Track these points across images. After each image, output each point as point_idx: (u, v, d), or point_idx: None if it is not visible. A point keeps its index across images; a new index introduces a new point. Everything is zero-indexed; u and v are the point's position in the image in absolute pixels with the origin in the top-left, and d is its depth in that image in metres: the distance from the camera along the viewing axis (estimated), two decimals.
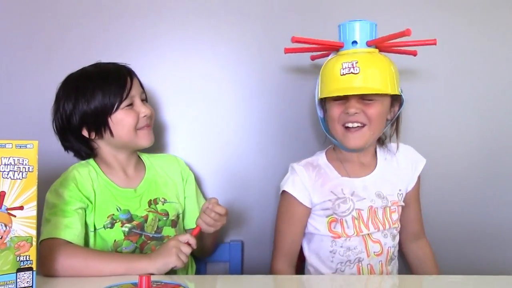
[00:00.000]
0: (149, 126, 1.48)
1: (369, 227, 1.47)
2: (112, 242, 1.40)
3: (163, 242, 1.45)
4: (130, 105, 1.43)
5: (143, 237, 1.44)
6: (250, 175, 1.76)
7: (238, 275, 1.67)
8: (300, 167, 1.52)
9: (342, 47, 1.44)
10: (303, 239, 1.55)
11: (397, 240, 1.54)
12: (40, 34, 1.71)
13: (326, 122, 1.52)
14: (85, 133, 1.42)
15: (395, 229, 1.53)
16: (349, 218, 1.47)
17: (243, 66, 1.75)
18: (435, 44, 1.48)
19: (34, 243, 1.07)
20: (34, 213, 1.06)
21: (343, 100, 1.41)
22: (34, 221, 1.06)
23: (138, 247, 1.43)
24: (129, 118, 1.42)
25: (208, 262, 1.71)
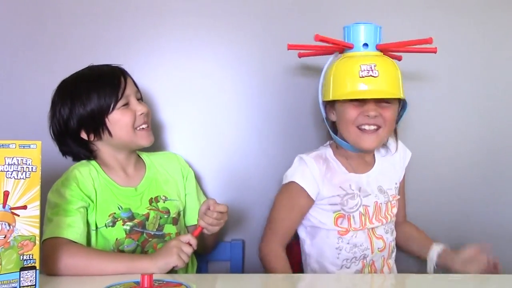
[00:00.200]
0: (148, 126, 1.48)
1: (373, 222, 1.49)
2: (114, 240, 1.40)
3: (165, 240, 1.47)
4: (126, 104, 1.43)
5: (145, 235, 1.44)
6: (250, 175, 1.76)
7: (239, 274, 1.67)
8: (310, 159, 1.51)
9: (351, 48, 1.43)
10: (305, 234, 1.55)
11: (394, 234, 1.56)
12: (41, 35, 1.71)
13: (331, 123, 1.52)
14: (83, 135, 1.43)
15: (392, 223, 1.55)
16: (356, 214, 1.48)
17: (244, 66, 1.75)
18: (435, 52, 1.49)
19: (38, 242, 1.07)
20: (37, 212, 1.07)
21: (360, 102, 1.41)
22: (37, 220, 1.07)
23: (140, 245, 1.43)
24: (126, 117, 1.43)
25: (209, 261, 1.71)
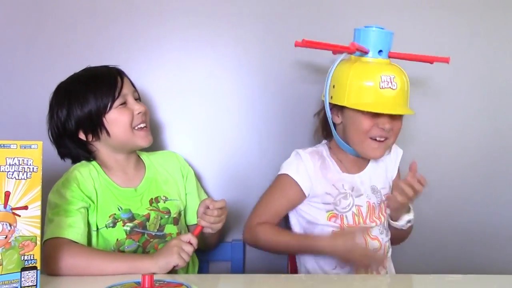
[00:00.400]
0: (146, 126, 1.48)
1: (366, 222, 1.49)
2: (114, 241, 1.40)
3: (166, 240, 1.46)
4: (124, 103, 1.44)
5: (146, 235, 1.45)
6: (251, 174, 1.76)
7: (241, 274, 1.68)
8: (306, 154, 1.52)
9: (367, 53, 1.42)
10: (301, 232, 1.55)
11: (389, 234, 1.56)
12: (41, 35, 1.71)
13: (336, 125, 1.51)
14: (82, 136, 1.43)
15: (386, 221, 1.55)
16: (349, 214, 1.48)
17: (244, 66, 1.76)
18: (448, 62, 1.49)
19: (39, 243, 1.07)
20: (38, 212, 1.07)
21: (371, 113, 1.40)
22: (38, 220, 1.07)
23: (141, 246, 1.44)
24: (123, 117, 1.43)
25: (210, 262, 1.72)
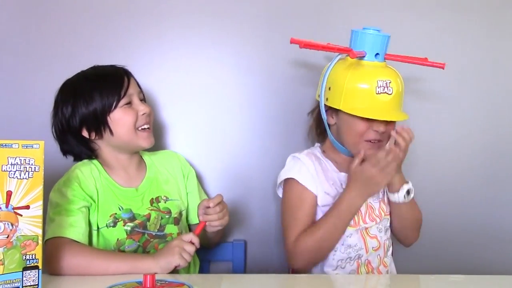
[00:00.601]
0: (149, 128, 1.48)
1: (366, 221, 1.48)
2: (114, 241, 1.40)
3: (166, 240, 1.46)
4: (129, 103, 1.44)
5: (146, 235, 1.44)
6: (253, 175, 1.76)
7: (242, 274, 1.68)
8: (303, 156, 1.52)
9: (363, 56, 1.42)
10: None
11: (389, 232, 1.56)
12: (43, 35, 1.71)
13: (331, 126, 1.51)
14: (85, 133, 1.42)
15: (387, 220, 1.54)
16: None
17: (246, 66, 1.76)
18: (443, 68, 1.50)
19: (40, 242, 1.07)
20: (40, 212, 1.07)
21: (365, 118, 1.41)
22: (40, 220, 1.07)
23: (141, 246, 1.43)
24: (128, 116, 1.43)
25: (211, 262, 1.72)
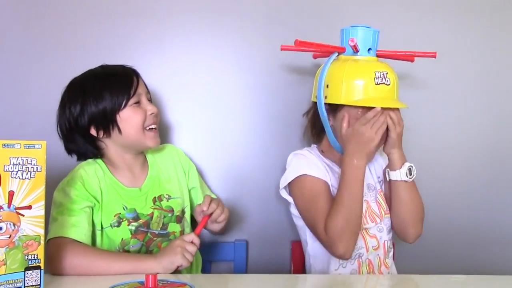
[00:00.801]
0: (156, 128, 1.48)
1: (367, 221, 1.48)
2: (119, 240, 1.41)
3: (169, 239, 1.47)
4: (137, 103, 1.43)
5: (149, 234, 1.45)
6: (254, 175, 1.76)
7: (244, 274, 1.68)
8: (305, 151, 1.54)
9: (357, 52, 1.44)
10: (308, 236, 1.55)
11: (391, 234, 1.55)
12: (45, 36, 1.71)
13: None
14: (93, 132, 1.42)
15: (388, 219, 1.54)
16: None
17: (248, 67, 1.76)
18: (435, 57, 1.52)
19: (42, 242, 1.08)
20: (42, 212, 1.07)
21: (366, 109, 1.41)
22: (42, 220, 1.07)
23: (145, 245, 1.44)
24: (137, 116, 1.42)
25: (212, 261, 1.72)
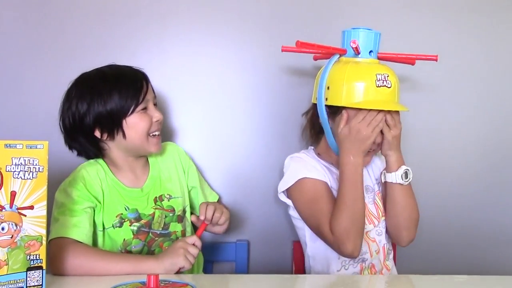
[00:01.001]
0: (159, 134, 1.47)
1: (366, 225, 1.47)
2: (121, 241, 1.41)
3: (171, 238, 1.47)
4: (145, 109, 1.42)
5: (151, 234, 1.45)
6: (256, 176, 1.76)
7: (245, 274, 1.68)
8: (303, 154, 1.54)
9: (358, 54, 1.44)
10: (308, 237, 1.55)
11: (387, 236, 1.54)
12: (47, 36, 1.71)
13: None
14: (97, 133, 1.41)
15: (384, 221, 1.54)
16: None
17: (250, 67, 1.76)
18: (436, 60, 1.52)
19: (44, 242, 1.08)
20: (44, 212, 1.07)
21: (366, 112, 1.40)
22: (44, 220, 1.07)
23: (146, 245, 1.44)
24: (143, 122, 1.41)
25: (214, 262, 1.72)
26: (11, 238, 1.04)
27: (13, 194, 1.04)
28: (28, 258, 1.06)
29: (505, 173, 1.84)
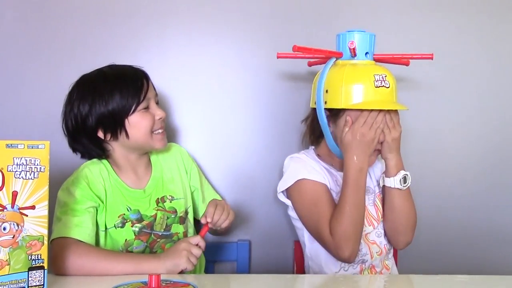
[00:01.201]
0: (163, 131, 1.47)
1: (365, 226, 1.47)
2: (123, 241, 1.41)
3: (173, 240, 1.47)
4: (146, 107, 1.42)
5: (153, 235, 1.45)
6: (258, 176, 1.77)
7: (247, 274, 1.68)
8: (303, 155, 1.54)
9: (355, 56, 1.44)
10: (307, 238, 1.54)
11: (385, 237, 1.54)
12: (49, 37, 1.72)
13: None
14: (100, 134, 1.40)
15: (382, 222, 1.54)
16: None
17: (251, 68, 1.76)
18: (432, 59, 1.52)
19: (46, 242, 1.08)
20: (45, 212, 1.07)
21: (367, 112, 1.40)
22: (45, 220, 1.07)
23: (148, 246, 1.44)
24: (145, 121, 1.41)
25: (216, 262, 1.72)
26: (13, 238, 1.04)
27: (14, 194, 1.04)
28: (29, 258, 1.06)
29: (505, 173, 1.84)
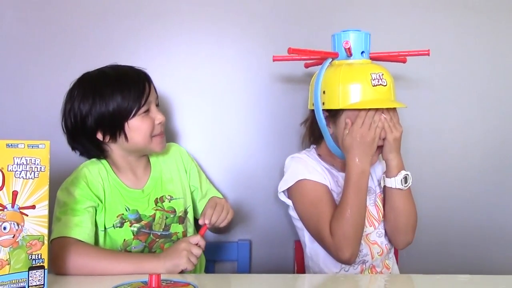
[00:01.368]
0: (162, 133, 1.47)
1: (366, 226, 1.47)
2: (121, 241, 1.41)
3: (172, 240, 1.47)
4: (147, 111, 1.41)
5: (152, 235, 1.45)
6: (258, 175, 1.76)
7: (247, 274, 1.68)
8: (304, 155, 1.53)
9: (350, 56, 1.44)
10: (307, 238, 1.54)
11: (386, 237, 1.54)
12: (50, 36, 1.72)
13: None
14: (99, 136, 1.40)
15: (383, 222, 1.53)
16: None
17: (252, 68, 1.76)
18: (428, 55, 1.51)
19: (46, 242, 1.08)
20: (45, 212, 1.07)
21: (366, 112, 1.40)
22: (46, 220, 1.07)
23: (147, 246, 1.44)
24: (145, 125, 1.40)
25: (216, 261, 1.72)
26: (13, 237, 1.04)
27: (14, 194, 1.04)
28: (30, 257, 1.06)
29: (505, 173, 1.84)
